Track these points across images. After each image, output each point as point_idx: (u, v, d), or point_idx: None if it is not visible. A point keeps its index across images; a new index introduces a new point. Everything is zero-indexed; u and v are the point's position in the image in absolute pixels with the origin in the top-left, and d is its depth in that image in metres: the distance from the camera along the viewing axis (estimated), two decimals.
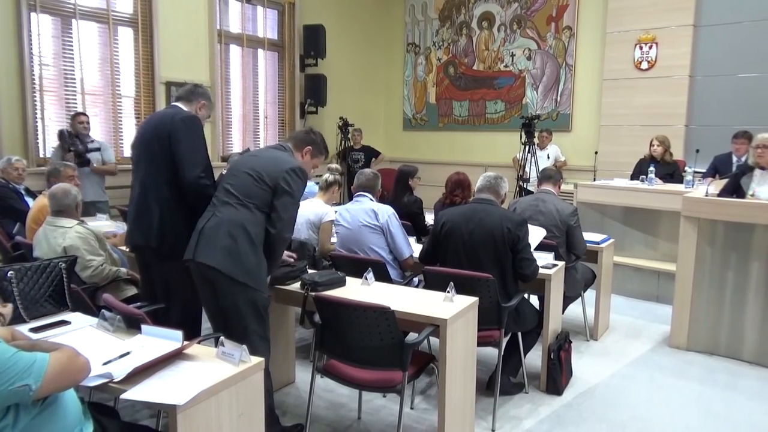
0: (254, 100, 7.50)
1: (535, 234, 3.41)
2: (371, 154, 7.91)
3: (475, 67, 8.45)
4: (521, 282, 3.15)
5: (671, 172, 5.64)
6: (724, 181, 4.24)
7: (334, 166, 5.14)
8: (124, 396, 1.63)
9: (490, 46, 8.26)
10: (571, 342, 3.48)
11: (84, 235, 3.21)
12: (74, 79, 5.58)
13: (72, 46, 5.53)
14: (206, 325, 2.73)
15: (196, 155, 2.69)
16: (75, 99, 5.61)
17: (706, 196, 3.93)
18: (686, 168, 5.68)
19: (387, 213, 3.50)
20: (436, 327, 2.35)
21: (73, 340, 1.98)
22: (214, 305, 2.48)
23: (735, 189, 4.03)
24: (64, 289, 2.35)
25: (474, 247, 3.03)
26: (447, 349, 2.35)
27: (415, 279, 3.49)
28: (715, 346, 3.90)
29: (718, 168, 5.34)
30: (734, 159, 5.31)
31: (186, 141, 2.68)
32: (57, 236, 3.17)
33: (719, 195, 4.02)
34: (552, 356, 3.26)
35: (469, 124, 8.58)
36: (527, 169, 6.86)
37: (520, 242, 3.00)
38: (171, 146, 2.67)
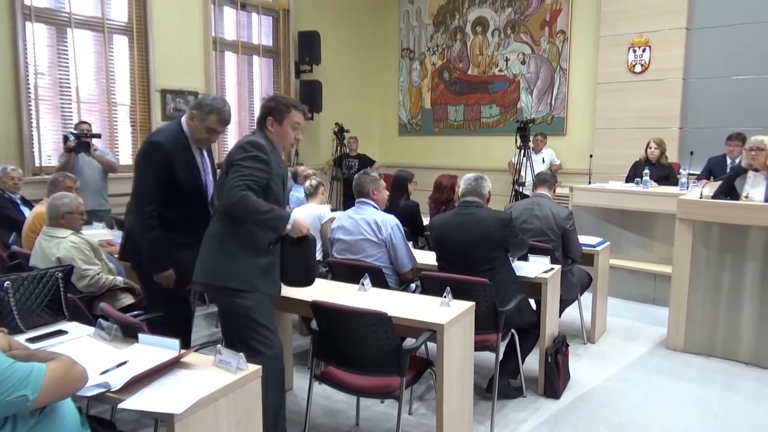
0: (250, 107, 7.51)
1: (537, 265, 3.44)
2: (366, 162, 7.93)
3: (469, 72, 8.48)
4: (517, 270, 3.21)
5: (666, 174, 5.67)
6: (719, 183, 4.27)
7: (310, 171, 5.11)
8: (121, 405, 1.63)
9: (485, 51, 8.29)
10: (568, 345, 3.49)
11: (78, 244, 3.21)
12: (69, 87, 5.59)
13: (67, 54, 5.54)
14: (202, 333, 2.72)
15: (139, 192, 2.76)
16: (70, 107, 5.61)
17: (701, 198, 3.95)
18: (681, 170, 5.71)
19: (390, 225, 3.33)
20: (433, 332, 2.36)
21: (70, 349, 1.97)
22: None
23: (729, 191, 4.05)
24: (61, 298, 2.35)
25: (466, 250, 3.04)
26: (444, 354, 2.36)
27: (412, 285, 3.49)
28: (712, 348, 3.91)
29: (712, 170, 5.37)
30: (728, 161, 5.33)
31: (137, 170, 2.78)
32: (51, 246, 3.16)
33: (713, 197, 4.04)
34: (549, 360, 3.27)
35: (465, 129, 8.61)
36: (523, 173, 6.87)
37: (511, 237, 3.08)
38: None
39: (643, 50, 6.74)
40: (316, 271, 2.60)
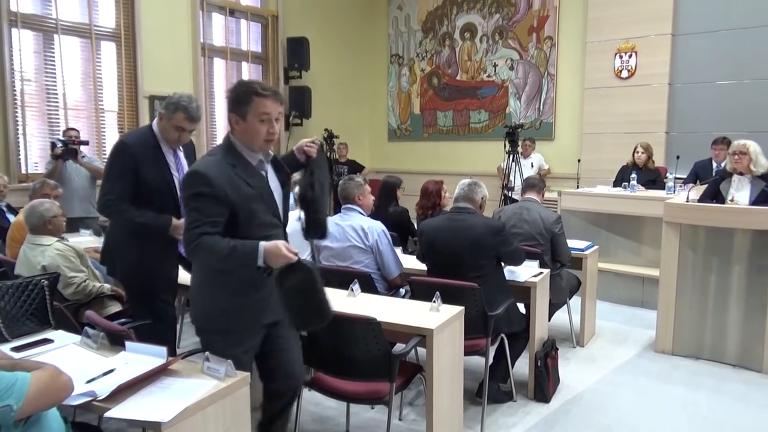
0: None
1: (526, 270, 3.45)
2: (355, 168, 7.93)
3: (458, 78, 8.52)
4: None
5: (653, 178, 5.73)
6: (705, 187, 4.31)
7: (296, 176, 5.08)
8: (108, 414, 1.61)
9: (473, 57, 8.34)
10: (557, 349, 3.50)
11: (64, 252, 3.18)
12: (56, 94, 5.55)
13: (54, 61, 5.51)
14: (191, 341, 2.71)
15: (105, 183, 2.79)
16: (57, 114, 5.57)
17: (687, 202, 3.99)
18: (667, 174, 5.76)
19: (377, 231, 3.31)
20: (422, 337, 2.36)
21: (56, 358, 1.95)
22: None
23: (714, 194, 4.09)
24: (47, 306, 2.32)
25: (456, 256, 3.05)
26: (434, 359, 2.36)
27: (402, 290, 3.49)
28: (700, 350, 3.94)
29: (698, 174, 5.43)
30: (714, 165, 5.40)
31: (105, 166, 2.85)
32: (36, 254, 3.13)
33: (699, 201, 4.09)
34: (539, 364, 3.28)
35: (454, 134, 8.64)
36: (512, 178, 6.91)
37: (503, 246, 3.06)
38: None
39: (630, 56, 6.82)
40: (326, 306, 2.00)
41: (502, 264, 3.21)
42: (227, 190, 1.96)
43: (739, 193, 3.97)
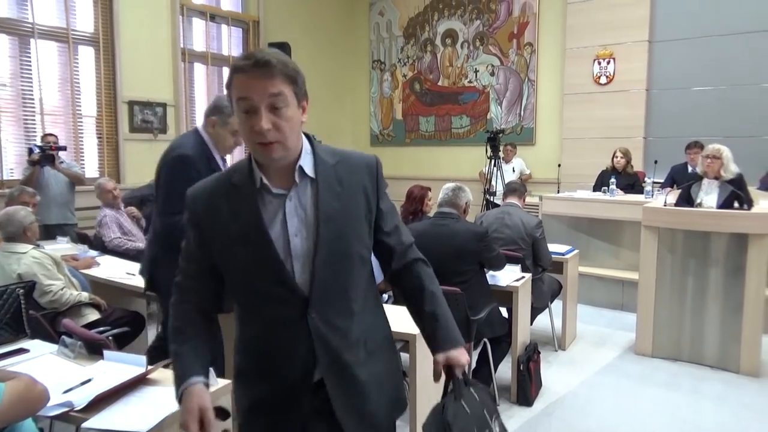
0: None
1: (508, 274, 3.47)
2: None
3: (440, 83, 8.57)
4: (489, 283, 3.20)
5: (632, 183, 5.81)
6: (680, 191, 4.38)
7: None
8: (85, 425, 1.59)
9: (454, 63, 8.40)
10: (539, 353, 3.53)
11: (40, 259, 3.11)
12: (33, 99, 5.46)
13: (30, 65, 5.42)
14: None
15: (170, 200, 2.40)
16: (34, 119, 5.48)
17: (665, 206, 4.05)
18: (646, 179, 5.85)
19: None
20: (405, 342, 2.36)
21: (32, 368, 1.92)
22: None
23: (687, 198, 4.17)
24: (22, 315, 2.28)
25: (439, 262, 3.03)
26: (417, 364, 2.36)
27: (385, 295, 3.49)
28: (679, 352, 3.99)
29: (675, 178, 5.52)
30: (690, 169, 5.49)
31: (165, 185, 2.46)
32: (12, 263, 3.06)
33: (675, 204, 4.16)
34: (521, 367, 3.30)
35: (436, 139, 8.68)
36: (493, 183, 6.96)
37: (485, 252, 3.07)
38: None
39: (608, 62, 6.91)
40: None
41: (484, 269, 3.23)
42: (206, 222, 1.32)
43: (708, 196, 4.06)
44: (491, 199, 6.97)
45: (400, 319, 2.52)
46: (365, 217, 1.38)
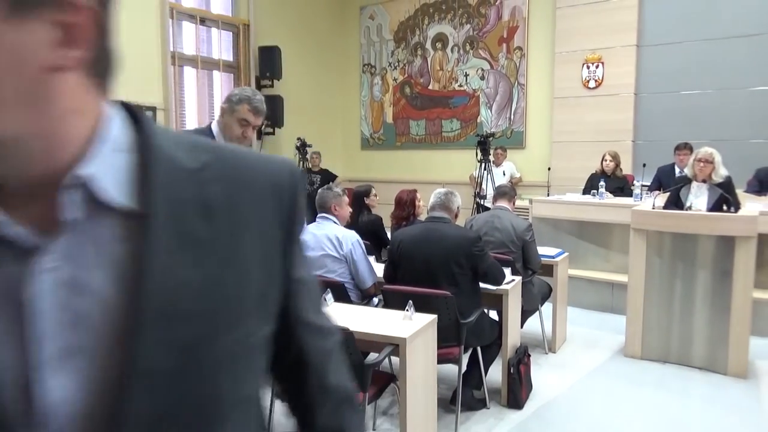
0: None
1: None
2: (328, 177, 7.91)
3: (430, 87, 8.60)
4: (483, 293, 3.20)
5: (621, 186, 5.85)
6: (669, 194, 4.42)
7: None
8: None
9: (445, 67, 8.43)
10: (530, 355, 3.53)
11: None
12: None
13: None
14: None
15: None
16: None
17: (653, 208, 4.08)
18: (634, 182, 5.89)
19: (351, 241, 3.30)
20: (395, 346, 2.36)
21: None
22: None
23: (676, 201, 4.20)
24: None
25: (430, 266, 3.06)
26: (407, 368, 2.36)
27: (375, 299, 3.48)
28: (667, 354, 4.02)
29: (661, 179, 5.56)
30: (677, 170, 5.53)
31: None
32: None
33: (664, 207, 4.19)
34: (512, 370, 3.30)
35: (426, 143, 8.70)
36: (483, 186, 6.98)
37: (479, 258, 3.07)
38: None
39: (597, 66, 6.97)
40: None
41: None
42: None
43: (698, 199, 4.09)
44: (481, 203, 6.99)
45: (390, 322, 2.53)
46: (260, 298, 0.61)
